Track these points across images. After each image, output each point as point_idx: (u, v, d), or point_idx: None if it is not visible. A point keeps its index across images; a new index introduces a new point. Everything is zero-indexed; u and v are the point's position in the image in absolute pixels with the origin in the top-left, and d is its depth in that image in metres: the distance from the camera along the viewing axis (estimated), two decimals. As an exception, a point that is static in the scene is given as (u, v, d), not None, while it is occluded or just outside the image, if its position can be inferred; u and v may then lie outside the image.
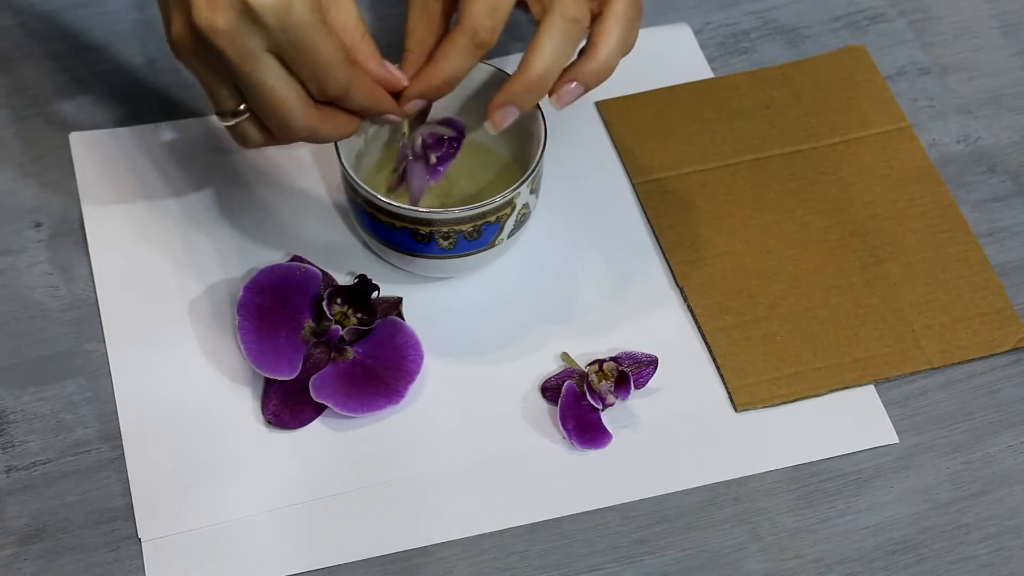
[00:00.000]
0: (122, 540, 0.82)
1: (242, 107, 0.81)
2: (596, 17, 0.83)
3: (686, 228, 0.93)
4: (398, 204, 0.84)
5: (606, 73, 0.83)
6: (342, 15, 0.82)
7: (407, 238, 0.86)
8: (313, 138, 0.82)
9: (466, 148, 0.89)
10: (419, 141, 0.88)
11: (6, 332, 0.89)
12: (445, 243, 0.86)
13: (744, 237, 0.93)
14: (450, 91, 0.83)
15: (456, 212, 0.84)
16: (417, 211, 0.84)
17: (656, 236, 0.93)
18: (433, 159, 0.88)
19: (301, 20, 0.77)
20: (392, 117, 0.84)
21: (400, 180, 0.89)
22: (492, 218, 0.85)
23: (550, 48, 0.81)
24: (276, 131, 0.82)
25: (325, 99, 0.81)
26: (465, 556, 0.82)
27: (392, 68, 0.83)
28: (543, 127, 0.87)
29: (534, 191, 0.88)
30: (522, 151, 0.89)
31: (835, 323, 0.90)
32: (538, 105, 0.87)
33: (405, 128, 0.87)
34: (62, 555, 0.81)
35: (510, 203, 0.85)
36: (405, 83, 0.83)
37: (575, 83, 0.83)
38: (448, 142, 0.88)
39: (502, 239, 0.87)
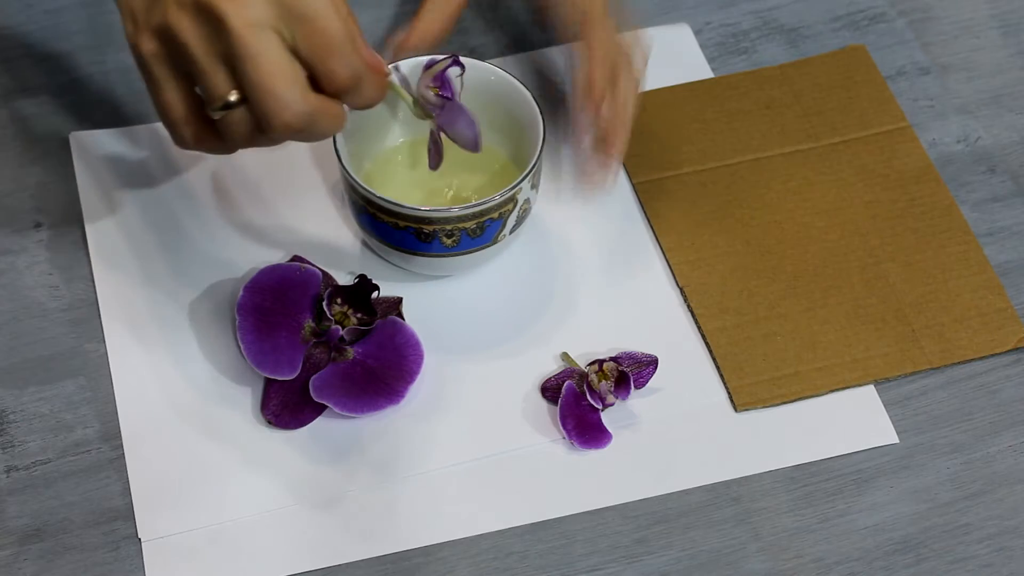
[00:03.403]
0: (122, 540, 0.82)
1: (234, 96, 0.75)
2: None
3: (686, 228, 0.93)
4: (401, 203, 0.84)
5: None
6: None
7: (410, 237, 0.86)
8: (308, 130, 0.76)
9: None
10: (431, 95, 0.84)
11: (6, 332, 0.89)
12: (448, 241, 0.86)
13: (744, 237, 0.93)
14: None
15: (459, 210, 0.84)
16: (420, 210, 0.84)
17: (656, 236, 0.93)
18: (454, 95, 0.84)
19: None
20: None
21: (437, 155, 0.85)
22: (495, 214, 0.85)
23: (600, 68, 0.89)
24: (269, 119, 0.74)
25: (333, 89, 0.76)
26: (465, 556, 0.82)
27: (374, 53, 0.79)
28: (541, 122, 0.87)
29: (535, 186, 0.88)
30: (520, 148, 0.89)
31: (835, 323, 0.90)
32: (536, 101, 0.87)
33: (408, 100, 0.85)
34: (62, 555, 0.81)
35: (512, 198, 0.85)
36: (385, 71, 0.79)
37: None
38: (447, 72, 0.85)
39: (504, 235, 0.87)
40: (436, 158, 0.86)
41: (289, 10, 0.74)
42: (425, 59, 0.86)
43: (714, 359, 0.88)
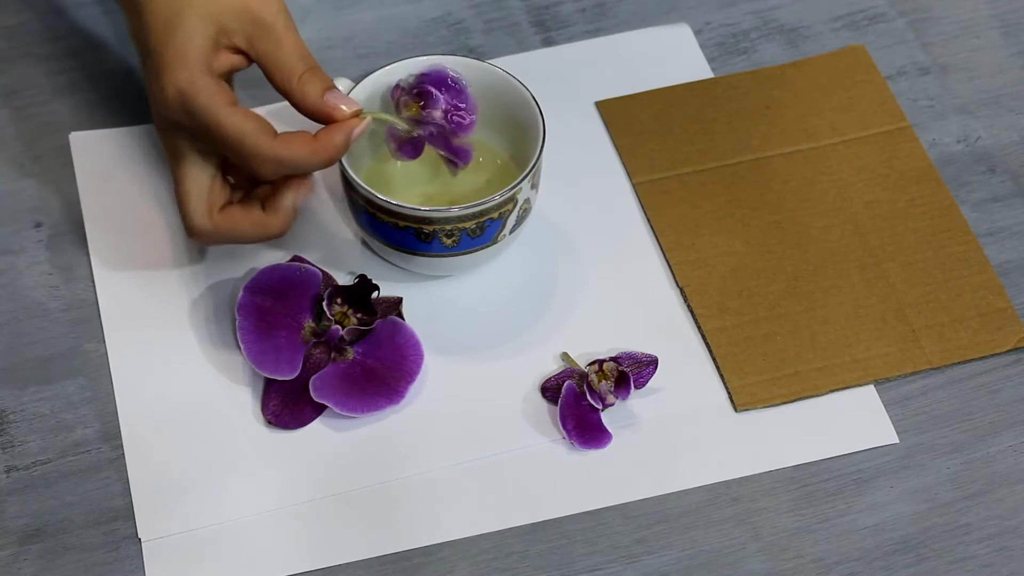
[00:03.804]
0: (122, 540, 0.82)
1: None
2: None
3: (686, 228, 0.93)
4: (402, 204, 0.84)
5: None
6: (280, 55, 0.82)
7: (410, 237, 0.86)
8: (221, 243, 0.87)
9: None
10: (404, 120, 0.86)
11: (6, 332, 0.89)
12: (448, 241, 0.86)
13: (744, 237, 0.93)
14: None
15: (459, 210, 0.84)
16: (420, 210, 0.84)
17: (656, 236, 0.93)
18: (444, 123, 0.85)
19: (200, 105, 0.79)
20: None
21: (410, 147, 0.86)
22: (495, 214, 0.85)
23: None
24: (185, 229, 0.85)
25: (265, 180, 0.83)
26: (465, 556, 0.82)
27: (335, 97, 0.82)
28: (541, 122, 0.87)
29: (535, 186, 0.88)
30: (520, 148, 0.89)
31: (835, 323, 0.90)
32: (535, 101, 0.87)
33: (402, 125, 0.86)
34: (62, 555, 0.81)
35: (512, 198, 0.85)
36: (349, 109, 0.82)
37: None
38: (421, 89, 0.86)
39: (504, 235, 0.87)
40: (452, 165, 0.87)
41: (198, 132, 0.81)
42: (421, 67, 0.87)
43: (714, 359, 0.88)
